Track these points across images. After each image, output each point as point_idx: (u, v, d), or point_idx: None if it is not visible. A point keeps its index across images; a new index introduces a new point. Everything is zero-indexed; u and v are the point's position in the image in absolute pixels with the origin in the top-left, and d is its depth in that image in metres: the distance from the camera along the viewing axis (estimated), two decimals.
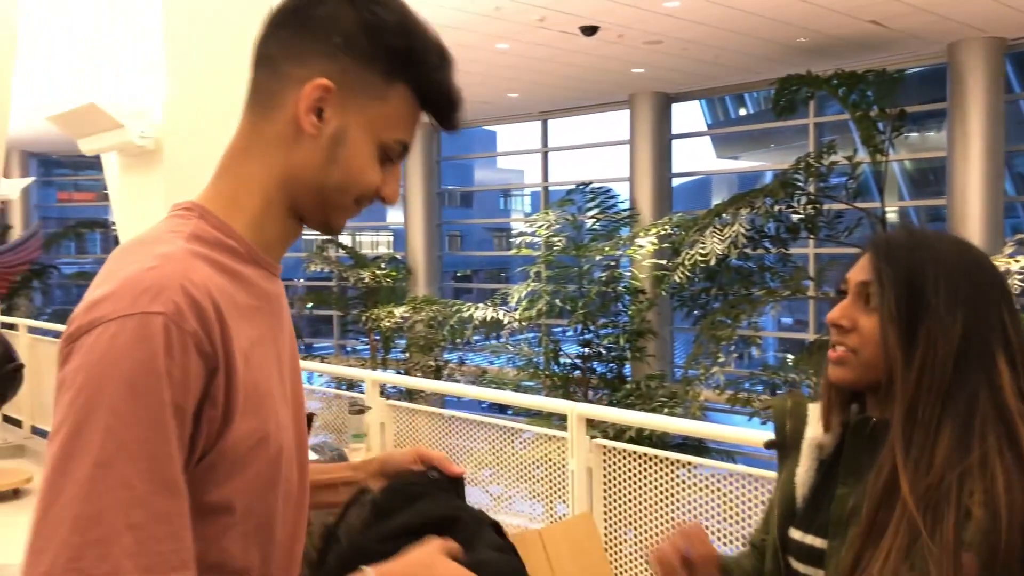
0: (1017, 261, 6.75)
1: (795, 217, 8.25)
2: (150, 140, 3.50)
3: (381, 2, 0.98)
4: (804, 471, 1.26)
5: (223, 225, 0.97)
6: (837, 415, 1.24)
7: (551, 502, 3.71)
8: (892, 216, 12.11)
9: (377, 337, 13.60)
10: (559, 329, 13.00)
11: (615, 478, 3.72)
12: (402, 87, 0.98)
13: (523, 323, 11.44)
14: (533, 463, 3.82)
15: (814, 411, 1.29)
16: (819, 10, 8.45)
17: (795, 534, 1.24)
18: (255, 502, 0.94)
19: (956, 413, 1.09)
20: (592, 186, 12.39)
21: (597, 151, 14.93)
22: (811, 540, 1.21)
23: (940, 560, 1.02)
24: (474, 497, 4.40)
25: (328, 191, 0.99)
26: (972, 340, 1.11)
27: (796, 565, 1.23)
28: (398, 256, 15.62)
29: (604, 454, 3.51)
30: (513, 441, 4.05)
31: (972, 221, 9.64)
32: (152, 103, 3.48)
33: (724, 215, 8.22)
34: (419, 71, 0.98)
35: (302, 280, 16.34)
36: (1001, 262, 6.75)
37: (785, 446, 1.32)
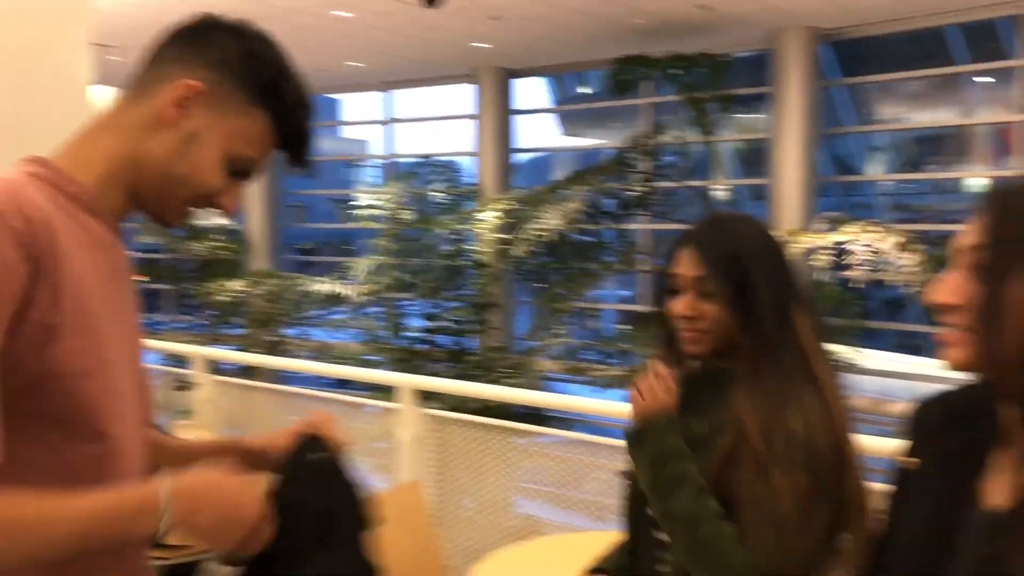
0: (826, 237, 7.30)
1: (629, 194, 8.57)
2: None
3: (265, 42, 1.14)
4: None
5: (65, 175, 1.05)
6: (678, 372, 1.53)
7: (391, 474, 3.76)
8: (722, 194, 12.80)
9: (215, 313, 13.17)
10: (406, 303, 13.00)
11: (450, 448, 3.80)
12: (262, 114, 1.12)
13: (367, 297, 11.37)
14: (376, 437, 3.85)
15: (659, 368, 1.54)
16: None
17: None
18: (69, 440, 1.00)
19: (775, 360, 1.38)
20: (437, 159, 12.40)
21: (443, 124, 14.94)
22: None
23: (781, 476, 1.31)
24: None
25: (169, 181, 1.10)
26: (779, 301, 1.41)
27: None
28: (236, 228, 15.12)
29: (436, 424, 3.58)
30: (355, 416, 4.07)
31: (789, 199, 10.32)
32: None
33: (562, 191, 8.44)
34: (280, 105, 1.12)
35: (134, 252, 15.55)
36: (812, 237, 7.28)
37: None
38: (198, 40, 1.12)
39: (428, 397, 4.02)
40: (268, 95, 1.11)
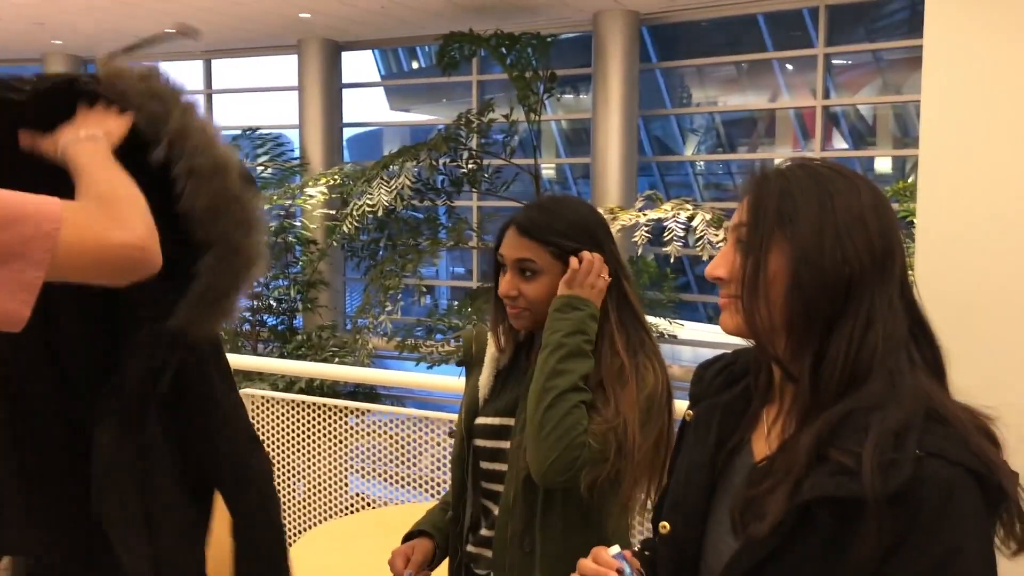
0: (645, 215, 7.61)
1: (459, 171, 8.61)
2: None
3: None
4: (486, 376, 1.70)
5: None
6: (510, 341, 1.70)
7: None
8: (548, 172, 13.07)
9: None
10: None
11: (278, 429, 3.73)
12: None
13: None
14: None
15: (491, 336, 1.73)
16: None
17: (481, 420, 1.68)
18: None
19: (622, 321, 1.59)
20: (260, 132, 11.97)
21: (266, 96, 14.41)
22: (496, 421, 1.66)
23: (627, 408, 1.50)
24: None
25: None
26: (610, 269, 1.58)
27: (481, 443, 1.68)
28: None
29: (261, 405, 3.50)
30: None
31: (611, 178, 10.70)
32: None
33: (391, 167, 8.37)
34: None
35: None
36: (632, 215, 7.58)
37: (471, 363, 1.77)
38: None
39: (253, 377, 3.91)
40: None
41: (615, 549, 1.10)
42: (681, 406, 1.30)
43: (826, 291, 0.98)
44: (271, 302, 10.53)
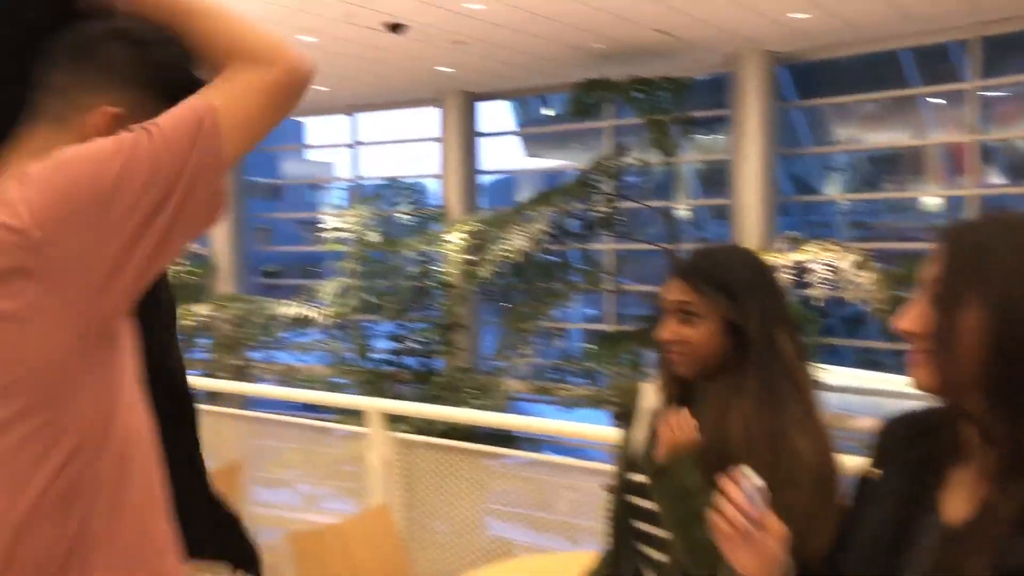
0: (787, 256, 7.44)
1: (593, 215, 8.67)
2: None
3: (162, 41, 1.08)
4: (641, 432, 1.67)
5: None
6: (673, 389, 1.66)
7: (361, 499, 3.76)
8: (684, 214, 12.96)
9: (182, 337, 13.02)
10: (372, 325, 12.98)
11: (420, 471, 3.82)
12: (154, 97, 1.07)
13: (334, 319, 11.34)
14: (345, 461, 3.85)
15: (646, 389, 1.72)
16: (611, 18, 8.92)
17: (636, 478, 1.65)
18: None
19: (765, 380, 1.50)
20: (402, 181, 12.44)
21: (408, 147, 14.98)
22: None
23: (791, 495, 1.38)
24: (283, 498, 4.37)
25: None
26: (765, 325, 1.52)
27: (635, 500, 1.65)
28: (201, 252, 15.01)
29: (405, 448, 3.60)
30: (323, 440, 4.07)
31: (750, 219, 10.49)
32: None
33: (528, 213, 8.52)
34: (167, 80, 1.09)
35: None
36: (773, 257, 7.41)
37: (628, 417, 1.74)
38: (92, 59, 1.07)
39: (395, 419, 4.04)
40: (185, 95, 1.06)
41: (757, 480, 1.17)
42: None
43: None
44: (412, 344, 10.83)
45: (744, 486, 1.16)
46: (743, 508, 1.15)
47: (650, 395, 1.71)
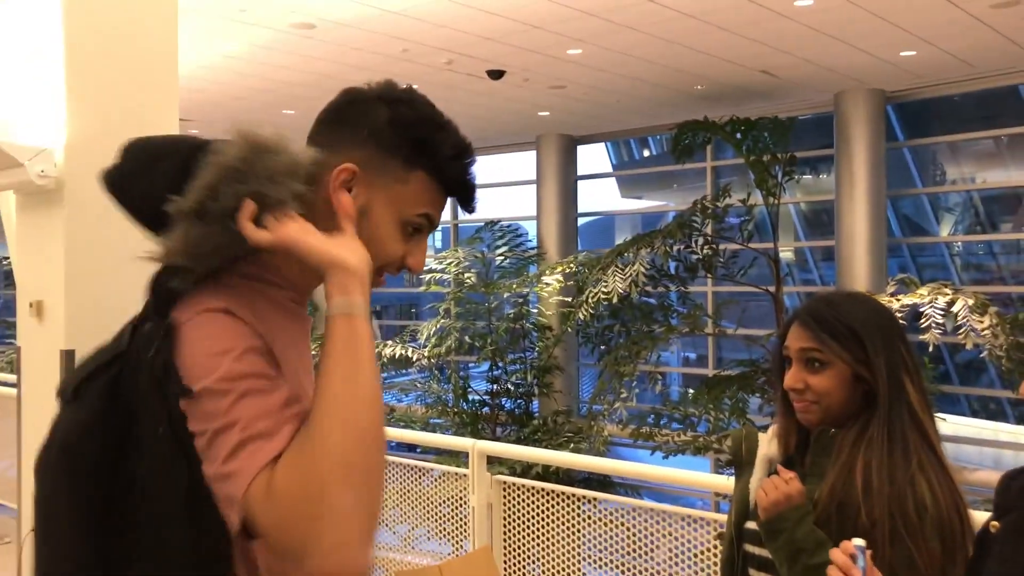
0: (898, 299, 7.15)
1: (693, 257, 8.55)
2: (50, 180, 3.46)
3: (407, 101, 1.17)
4: (757, 479, 1.65)
5: (271, 268, 1.15)
6: (793, 436, 1.64)
7: (458, 540, 3.75)
8: (787, 255, 12.66)
9: None
10: (470, 366, 13.06)
11: (518, 513, 3.79)
12: (421, 172, 1.15)
13: (432, 360, 11.46)
14: (442, 501, 3.86)
15: (764, 437, 1.70)
16: (713, 60, 8.87)
17: (751, 525, 1.62)
18: None
19: (892, 429, 1.47)
20: (500, 224, 12.57)
21: (505, 190, 15.15)
22: None
23: (915, 546, 1.38)
24: (382, 538, 4.40)
25: None
26: (892, 373, 1.49)
27: (750, 549, 1.63)
28: None
29: (505, 490, 3.58)
30: (421, 480, 4.08)
31: (859, 261, 10.17)
32: (54, 143, 3.45)
33: (626, 254, 8.46)
34: (435, 161, 1.15)
35: None
36: (883, 300, 7.14)
37: (740, 464, 1.74)
38: (344, 119, 1.16)
39: (492, 460, 4.02)
40: (421, 155, 1.14)
41: (859, 541, 1.21)
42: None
43: None
44: (509, 386, 10.84)
45: (852, 552, 1.23)
46: (850, 574, 1.22)
47: (766, 443, 1.70)
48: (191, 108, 10.22)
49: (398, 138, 1.14)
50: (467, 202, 1.21)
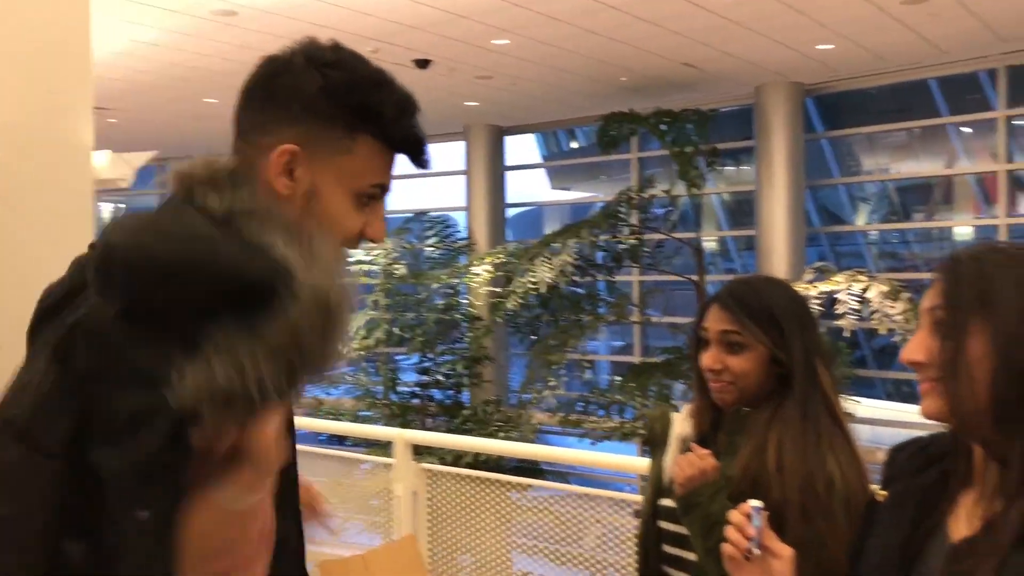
0: (816, 287, 7.37)
1: (619, 247, 8.66)
2: None
3: (336, 63, 1.06)
4: (672, 457, 1.67)
5: None
6: (707, 416, 1.68)
7: (388, 531, 3.74)
8: (710, 244, 12.91)
9: None
10: (400, 358, 13.00)
11: (446, 502, 3.81)
12: (366, 137, 1.05)
13: (361, 352, 11.38)
14: (372, 494, 3.84)
15: (677, 416, 1.69)
16: (638, 52, 8.98)
17: (666, 502, 1.67)
18: None
19: (805, 410, 1.52)
20: (430, 215, 12.52)
21: (434, 180, 15.10)
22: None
23: (824, 522, 1.44)
24: (309, 531, 4.36)
25: None
26: (807, 357, 1.54)
27: (665, 525, 1.69)
28: None
29: (431, 478, 3.58)
30: (351, 472, 4.07)
31: (778, 249, 10.44)
32: None
33: (554, 244, 8.53)
34: (378, 124, 1.06)
35: None
36: (802, 287, 7.35)
37: (656, 444, 1.76)
38: (271, 94, 1.06)
39: (423, 451, 4.02)
40: (363, 120, 1.05)
41: (756, 502, 1.25)
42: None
43: None
44: (439, 377, 10.84)
45: (748, 512, 1.25)
46: (745, 531, 1.24)
47: (680, 423, 1.73)
48: (108, 96, 9.92)
49: (335, 107, 1.04)
50: (418, 157, 1.12)
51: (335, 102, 1.04)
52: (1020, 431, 0.99)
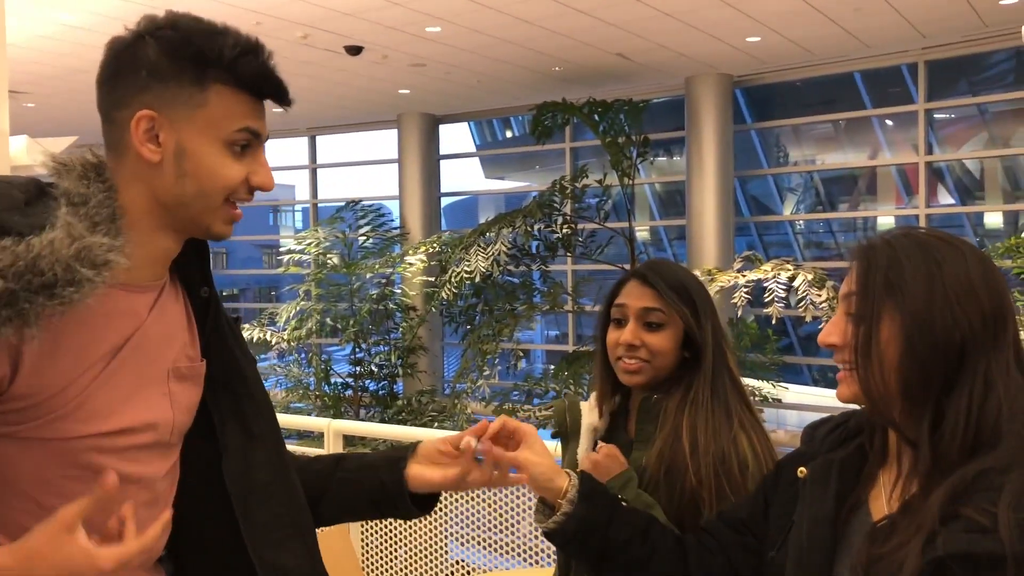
0: (744, 275, 7.50)
1: (553, 236, 8.69)
2: None
3: (170, 25, 1.09)
4: (584, 448, 1.65)
5: None
6: (608, 404, 1.67)
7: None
8: (642, 234, 13.06)
9: None
10: (333, 348, 12.85)
11: None
12: (216, 85, 1.08)
13: (292, 343, 11.20)
14: None
15: (586, 406, 1.69)
16: (571, 42, 9.01)
17: None
18: None
19: (716, 391, 1.54)
20: (362, 204, 12.38)
21: (367, 169, 14.95)
22: None
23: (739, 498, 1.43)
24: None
25: (189, 201, 1.09)
26: (716, 338, 1.55)
27: None
28: None
29: None
30: None
31: (708, 239, 10.61)
32: None
33: (488, 234, 8.51)
34: (221, 68, 1.08)
35: None
36: (731, 276, 7.48)
37: (566, 435, 1.74)
38: (118, 71, 1.10)
39: (355, 442, 3.98)
40: (206, 67, 1.08)
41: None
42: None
43: (940, 357, 1.01)
44: (372, 368, 10.74)
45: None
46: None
47: (588, 411, 1.71)
48: (27, 80, 9.56)
49: (176, 63, 1.07)
50: (279, 97, 1.14)
51: (175, 59, 1.07)
52: (926, 415, 1.02)
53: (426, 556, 3.73)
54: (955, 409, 0.99)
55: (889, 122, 11.36)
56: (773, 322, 7.98)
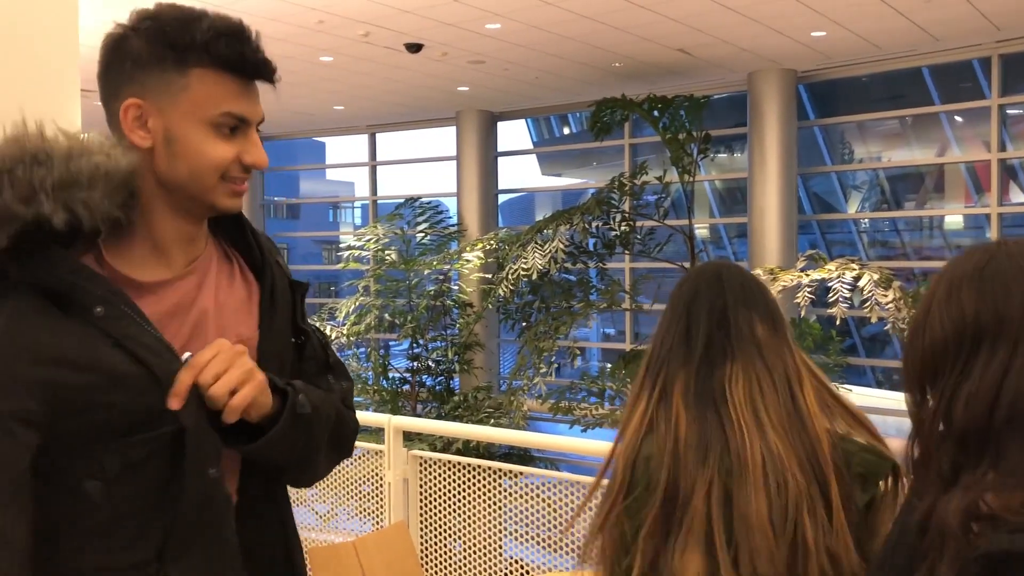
0: (808, 275, 7.36)
1: (611, 233, 8.63)
2: None
3: (152, 17, 1.14)
4: None
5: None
6: None
7: (378, 517, 3.72)
8: (702, 232, 12.90)
9: None
10: (391, 343, 12.96)
11: (437, 489, 3.79)
12: (196, 69, 1.12)
13: (352, 338, 11.33)
14: (362, 480, 3.82)
15: None
16: (632, 37, 8.93)
17: None
18: None
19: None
20: (421, 201, 12.46)
21: (426, 166, 15.04)
22: None
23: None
24: (299, 517, 4.35)
25: (185, 183, 1.14)
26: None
27: None
28: None
29: (422, 465, 3.56)
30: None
31: (770, 237, 10.43)
32: None
33: (545, 231, 8.49)
34: (198, 51, 1.12)
35: None
36: (794, 276, 7.35)
37: None
38: (109, 65, 1.16)
39: (412, 438, 4.00)
40: (184, 52, 1.12)
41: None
42: None
43: None
44: (430, 363, 10.81)
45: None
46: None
47: None
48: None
49: (157, 51, 1.12)
50: (263, 76, 1.17)
51: (155, 47, 1.12)
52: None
53: (482, 553, 3.72)
54: None
55: (958, 118, 11.03)
56: (836, 323, 7.82)
